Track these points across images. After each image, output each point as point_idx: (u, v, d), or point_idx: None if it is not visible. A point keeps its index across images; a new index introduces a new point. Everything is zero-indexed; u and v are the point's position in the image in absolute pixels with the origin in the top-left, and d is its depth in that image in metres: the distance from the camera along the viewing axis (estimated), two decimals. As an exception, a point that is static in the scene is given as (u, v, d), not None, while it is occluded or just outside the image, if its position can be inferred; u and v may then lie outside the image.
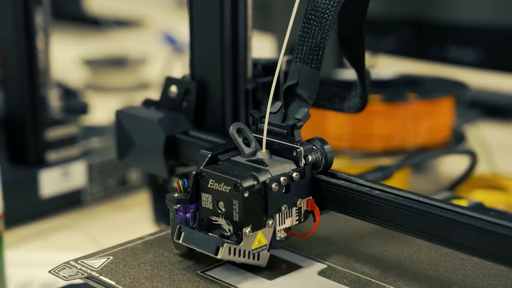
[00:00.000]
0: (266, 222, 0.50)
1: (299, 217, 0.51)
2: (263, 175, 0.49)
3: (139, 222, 0.84)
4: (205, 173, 0.50)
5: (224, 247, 0.48)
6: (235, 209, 0.49)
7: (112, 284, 0.49)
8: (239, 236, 0.49)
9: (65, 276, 0.50)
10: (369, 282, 0.49)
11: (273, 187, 0.49)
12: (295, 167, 0.51)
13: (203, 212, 0.51)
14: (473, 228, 0.45)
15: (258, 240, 0.50)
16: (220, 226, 0.50)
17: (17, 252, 0.77)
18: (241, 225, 0.49)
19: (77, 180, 0.87)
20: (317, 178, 0.52)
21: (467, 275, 0.50)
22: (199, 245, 0.50)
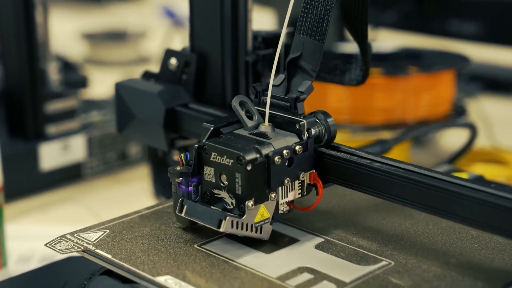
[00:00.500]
0: (269, 195, 0.49)
1: (301, 191, 0.51)
2: (266, 148, 0.49)
3: (139, 195, 0.84)
4: (207, 146, 0.50)
5: (226, 220, 0.48)
6: (238, 182, 0.48)
7: (108, 258, 0.49)
8: (242, 209, 0.49)
9: (61, 249, 0.50)
10: (366, 255, 0.50)
11: (276, 160, 0.49)
12: (298, 140, 0.50)
13: (206, 186, 0.51)
14: (473, 200, 0.45)
15: (260, 213, 0.49)
16: (222, 200, 0.50)
17: (17, 225, 0.77)
18: (244, 198, 0.48)
19: (77, 154, 0.86)
20: (320, 151, 0.51)
21: (464, 249, 0.50)
22: (201, 218, 0.50)
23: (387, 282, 0.46)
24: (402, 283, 0.46)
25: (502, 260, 0.49)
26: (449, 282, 0.46)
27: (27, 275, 0.56)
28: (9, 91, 0.83)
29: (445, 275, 0.47)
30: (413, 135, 0.78)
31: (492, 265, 0.48)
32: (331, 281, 0.47)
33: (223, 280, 0.47)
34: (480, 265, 0.48)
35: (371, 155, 0.50)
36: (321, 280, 0.47)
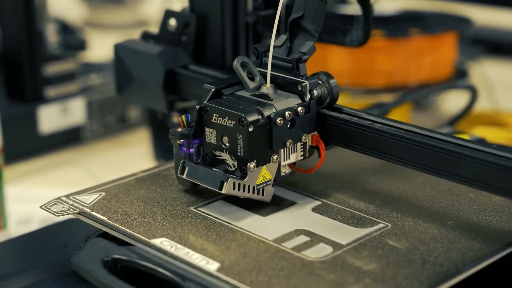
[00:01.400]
0: (271, 157, 0.49)
1: (303, 152, 0.51)
2: (268, 109, 0.48)
3: (139, 159, 0.84)
4: (209, 107, 0.50)
5: (228, 182, 0.48)
6: (240, 144, 0.48)
7: (104, 220, 0.49)
8: (244, 171, 0.48)
9: (57, 212, 0.50)
10: (363, 218, 0.49)
11: (278, 122, 0.49)
12: (300, 102, 0.50)
13: (207, 147, 0.50)
14: (475, 160, 0.44)
15: (262, 175, 0.49)
16: (224, 161, 0.49)
17: (17, 187, 0.77)
18: (246, 160, 0.48)
19: (76, 117, 0.86)
20: (322, 113, 0.51)
21: (462, 211, 0.50)
22: (203, 180, 0.49)
23: (384, 244, 0.46)
24: (399, 245, 0.46)
25: (500, 222, 0.49)
26: (446, 244, 0.46)
27: (27, 237, 0.56)
28: (7, 53, 0.82)
29: (442, 237, 0.47)
30: (413, 98, 0.78)
31: (489, 227, 0.48)
32: (327, 244, 0.46)
33: (219, 242, 0.47)
34: (477, 227, 0.48)
35: (373, 117, 0.50)
36: (318, 242, 0.47)
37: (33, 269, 0.50)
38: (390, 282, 0.42)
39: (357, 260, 0.45)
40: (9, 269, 0.51)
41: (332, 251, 0.46)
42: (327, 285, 0.42)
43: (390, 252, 0.45)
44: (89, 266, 0.45)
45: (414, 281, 0.42)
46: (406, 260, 0.45)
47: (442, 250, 0.46)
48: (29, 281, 0.49)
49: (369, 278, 0.43)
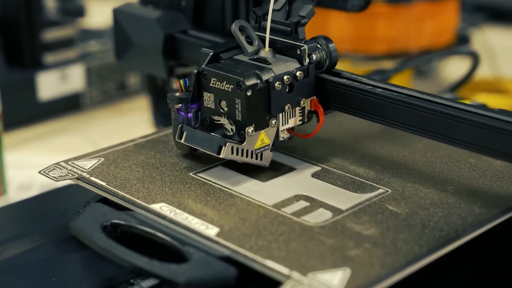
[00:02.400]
0: (269, 122, 0.49)
1: (302, 117, 0.51)
2: (266, 73, 0.48)
3: (138, 126, 0.83)
4: (207, 71, 0.49)
5: (226, 146, 0.48)
6: (238, 108, 0.48)
7: (103, 185, 0.49)
8: (242, 135, 0.48)
9: (55, 177, 0.50)
10: (363, 183, 0.49)
11: (276, 86, 0.48)
12: (299, 66, 0.49)
13: (205, 112, 0.50)
14: (476, 124, 0.44)
15: (261, 140, 0.49)
16: (222, 126, 0.49)
17: (17, 154, 0.77)
18: (244, 124, 0.48)
19: (75, 83, 0.86)
20: (321, 78, 0.50)
21: (462, 176, 0.50)
22: (201, 144, 0.49)
23: (383, 209, 0.46)
24: (399, 210, 0.46)
25: (500, 187, 0.49)
26: (446, 209, 0.46)
27: (27, 202, 0.56)
28: (5, 19, 0.82)
29: (442, 202, 0.47)
30: (414, 64, 0.77)
31: (490, 192, 0.48)
32: (327, 209, 0.46)
33: (218, 207, 0.46)
34: (478, 192, 0.48)
35: (373, 81, 0.49)
36: (317, 207, 0.46)
37: (33, 234, 0.50)
38: (390, 246, 0.42)
39: (357, 225, 0.44)
40: (9, 234, 0.51)
41: (331, 216, 0.46)
42: (326, 249, 0.42)
43: (390, 217, 0.45)
44: (88, 231, 0.45)
45: (413, 246, 0.42)
46: (406, 225, 0.45)
47: (442, 215, 0.45)
48: (29, 246, 0.49)
49: (368, 242, 0.43)
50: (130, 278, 0.44)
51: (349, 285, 0.39)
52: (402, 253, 0.42)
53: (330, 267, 0.41)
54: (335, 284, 0.39)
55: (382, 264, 0.41)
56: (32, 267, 0.46)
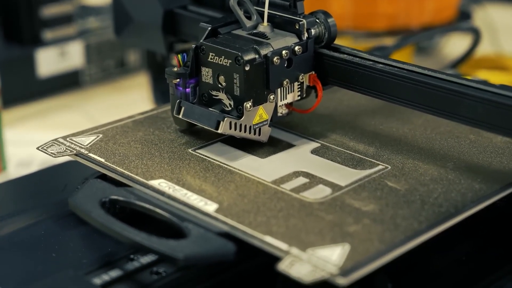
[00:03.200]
0: (268, 97, 0.49)
1: (301, 93, 0.50)
2: (265, 48, 0.48)
3: (138, 103, 0.83)
4: (205, 46, 0.49)
5: (224, 121, 0.48)
6: (236, 83, 0.48)
7: (101, 162, 0.49)
8: (240, 110, 0.48)
9: (54, 153, 0.50)
10: (363, 160, 0.49)
11: (274, 61, 0.48)
12: (297, 41, 0.49)
13: (203, 87, 0.50)
14: (478, 99, 0.44)
15: (259, 115, 0.49)
16: (220, 101, 0.49)
17: (16, 130, 0.77)
18: (242, 99, 0.48)
19: (74, 60, 0.85)
20: (320, 53, 0.50)
21: (462, 153, 0.50)
22: (199, 119, 0.49)
23: (383, 185, 0.46)
24: (399, 186, 0.46)
25: (500, 163, 0.49)
26: (446, 185, 0.46)
27: (27, 178, 0.56)
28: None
29: (442, 178, 0.47)
30: (415, 40, 0.77)
31: (490, 168, 0.48)
32: (326, 185, 0.46)
33: (217, 183, 0.46)
34: (478, 168, 0.48)
35: (374, 56, 0.49)
36: (317, 184, 0.46)
37: (32, 210, 0.50)
38: (389, 222, 0.42)
39: (356, 201, 0.44)
40: (8, 209, 0.51)
41: (331, 193, 0.45)
42: (326, 225, 0.42)
43: (389, 193, 0.45)
44: (87, 207, 0.45)
45: (413, 222, 0.42)
46: (405, 201, 0.44)
47: (442, 191, 0.45)
48: (28, 222, 0.49)
49: (368, 218, 0.43)
50: (129, 254, 0.44)
51: (348, 261, 0.39)
52: (401, 229, 0.42)
53: (329, 243, 0.40)
54: (334, 259, 0.39)
55: (381, 240, 0.41)
56: (31, 243, 0.46)
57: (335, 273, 0.38)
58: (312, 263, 0.39)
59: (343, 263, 0.39)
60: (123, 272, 0.41)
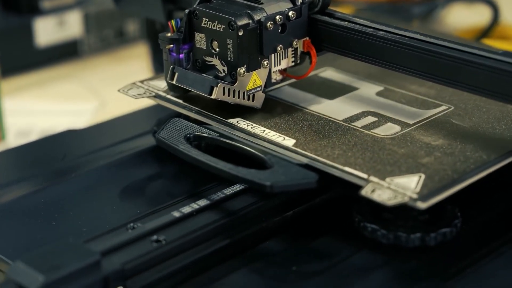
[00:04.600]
0: (261, 63, 0.49)
1: (295, 58, 0.50)
2: (258, 13, 0.48)
3: (137, 73, 0.83)
4: (198, 11, 0.49)
5: (218, 87, 0.48)
6: (229, 48, 0.48)
7: (180, 102, 0.51)
8: (234, 76, 0.48)
9: (134, 95, 0.51)
10: (426, 101, 0.51)
11: (268, 26, 0.48)
12: (291, 6, 0.49)
13: (197, 53, 0.50)
14: (481, 66, 0.44)
15: (253, 81, 0.49)
16: (214, 67, 0.49)
17: (15, 100, 0.77)
18: (236, 65, 0.48)
19: (73, 30, 0.85)
20: (314, 18, 0.50)
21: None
22: (192, 85, 0.49)
23: (449, 123, 0.48)
24: (464, 124, 0.48)
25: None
26: (510, 123, 0.47)
27: (27, 147, 0.56)
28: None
29: (505, 117, 0.48)
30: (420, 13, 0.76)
31: None
32: (395, 123, 0.48)
33: (291, 122, 0.48)
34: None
35: (368, 21, 0.48)
36: (386, 122, 0.48)
37: (33, 179, 0.50)
38: (459, 155, 0.44)
39: (425, 137, 0.47)
40: (8, 178, 0.51)
41: (400, 130, 0.48)
42: (400, 157, 0.44)
43: (455, 130, 0.47)
44: (174, 141, 0.46)
45: (482, 154, 0.44)
46: (472, 137, 0.46)
47: (506, 128, 0.47)
48: (28, 190, 0.49)
49: (438, 152, 0.45)
50: (129, 222, 0.44)
51: (424, 188, 0.41)
52: (471, 160, 0.44)
53: (405, 173, 0.43)
54: (412, 187, 0.41)
55: (454, 170, 0.43)
56: (31, 211, 0.46)
57: (414, 197, 0.40)
58: (392, 189, 0.41)
59: (420, 189, 0.41)
60: (123, 240, 0.41)
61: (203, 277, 0.42)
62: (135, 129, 0.56)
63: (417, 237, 0.43)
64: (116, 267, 0.39)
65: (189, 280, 0.42)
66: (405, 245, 0.43)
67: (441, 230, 0.43)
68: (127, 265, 0.40)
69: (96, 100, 0.77)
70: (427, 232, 0.43)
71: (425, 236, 0.43)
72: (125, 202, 0.48)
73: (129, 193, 0.49)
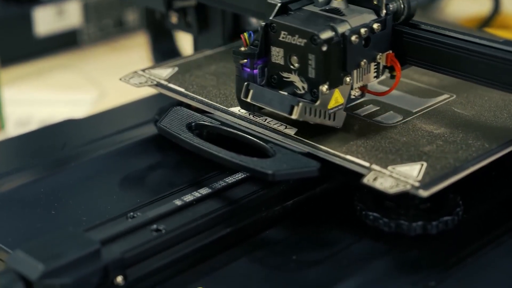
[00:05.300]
0: (343, 79, 0.45)
1: (377, 73, 0.47)
2: (342, 26, 0.44)
3: (137, 63, 0.82)
4: (276, 24, 0.45)
5: (299, 106, 0.44)
6: (311, 64, 0.44)
7: (182, 91, 0.50)
8: (315, 94, 0.44)
9: (136, 84, 0.51)
10: (428, 90, 0.51)
11: (353, 40, 0.44)
12: (375, 17, 0.45)
13: (273, 68, 0.46)
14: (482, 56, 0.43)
15: (334, 99, 0.45)
16: (292, 84, 0.45)
17: (15, 90, 0.76)
18: (318, 82, 0.44)
19: (72, 19, 0.84)
20: (398, 30, 0.46)
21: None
22: (270, 104, 0.46)
23: (451, 112, 0.48)
24: (466, 112, 0.48)
25: None
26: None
27: (26, 136, 0.55)
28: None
29: (507, 105, 0.48)
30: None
31: None
32: (397, 111, 0.48)
33: None
34: None
35: (457, 33, 0.45)
36: (387, 110, 0.48)
37: (32, 168, 0.50)
38: (461, 143, 0.44)
39: (427, 125, 0.47)
40: (7, 167, 0.50)
41: (402, 118, 0.47)
42: (402, 146, 0.44)
43: (457, 118, 0.47)
44: (176, 130, 0.46)
45: (484, 142, 0.44)
46: (474, 125, 0.46)
47: (508, 116, 0.47)
48: (28, 180, 0.49)
49: (440, 140, 0.45)
50: (129, 211, 0.44)
51: (426, 176, 0.41)
52: (473, 148, 0.44)
53: (407, 161, 0.43)
54: (414, 175, 0.41)
55: (456, 158, 0.43)
56: (31, 201, 0.46)
57: (416, 185, 0.40)
58: (394, 177, 0.41)
59: (421, 177, 0.41)
60: (123, 229, 0.41)
61: (203, 266, 0.42)
62: (135, 118, 0.56)
63: (418, 226, 0.43)
64: (116, 256, 0.39)
65: (189, 269, 0.42)
66: (407, 234, 0.43)
67: (442, 219, 0.43)
68: (127, 254, 0.40)
69: (95, 89, 0.77)
70: (428, 221, 0.43)
71: (426, 224, 0.43)
72: (125, 191, 0.47)
73: (129, 182, 0.48)
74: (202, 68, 0.54)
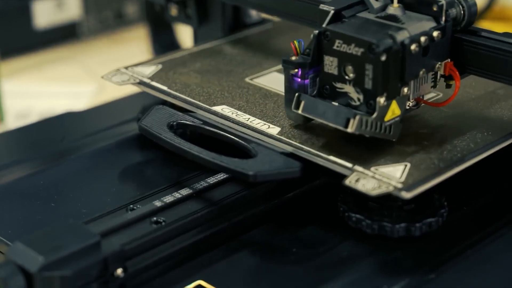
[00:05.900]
0: (401, 90, 0.43)
1: (434, 83, 0.45)
2: (400, 34, 0.41)
3: (137, 56, 0.82)
4: (330, 32, 0.43)
5: (356, 119, 0.42)
6: (368, 75, 0.42)
7: (164, 89, 0.50)
8: (371, 106, 0.42)
9: (119, 82, 0.51)
10: None
11: (412, 49, 0.41)
12: (435, 25, 0.43)
13: (326, 78, 0.43)
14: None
15: (392, 111, 0.43)
16: (346, 95, 0.43)
17: (14, 82, 0.76)
18: (375, 93, 0.42)
19: (72, 12, 0.84)
20: (458, 37, 0.44)
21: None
22: (324, 116, 0.43)
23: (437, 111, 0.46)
24: (451, 112, 0.47)
25: None
26: (499, 110, 0.47)
27: (26, 129, 0.55)
28: None
29: (493, 103, 0.47)
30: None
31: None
32: None
33: (277, 109, 0.47)
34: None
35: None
36: None
37: (32, 160, 0.50)
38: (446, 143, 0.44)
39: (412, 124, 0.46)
40: (7, 160, 0.50)
41: None
42: (385, 146, 0.43)
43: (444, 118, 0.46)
44: (156, 130, 0.46)
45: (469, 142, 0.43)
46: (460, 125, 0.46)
47: (495, 116, 0.46)
48: (27, 172, 0.49)
49: (425, 140, 0.44)
50: (129, 204, 0.44)
51: (410, 177, 0.40)
52: (458, 149, 0.43)
53: (390, 162, 0.42)
54: (397, 176, 0.40)
55: (440, 159, 0.42)
56: (30, 193, 0.46)
57: (399, 187, 0.39)
58: (377, 178, 0.40)
59: (405, 178, 0.40)
60: (122, 221, 0.41)
61: (203, 259, 0.42)
62: (135, 111, 0.56)
63: (401, 227, 0.42)
64: (116, 248, 0.39)
65: (189, 261, 0.42)
66: (390, 236, 0.42)
67: (426, 220, 0.42)
68: (127, 246, 0.40)
69: (95, 82, 0.77)
70: (412, 222, 0.42)
71: (410, 226, 0.42)
72: (124, 184, 0.48)
73: (128, 175, 0.48)
74: (187, 65, 0.53)
